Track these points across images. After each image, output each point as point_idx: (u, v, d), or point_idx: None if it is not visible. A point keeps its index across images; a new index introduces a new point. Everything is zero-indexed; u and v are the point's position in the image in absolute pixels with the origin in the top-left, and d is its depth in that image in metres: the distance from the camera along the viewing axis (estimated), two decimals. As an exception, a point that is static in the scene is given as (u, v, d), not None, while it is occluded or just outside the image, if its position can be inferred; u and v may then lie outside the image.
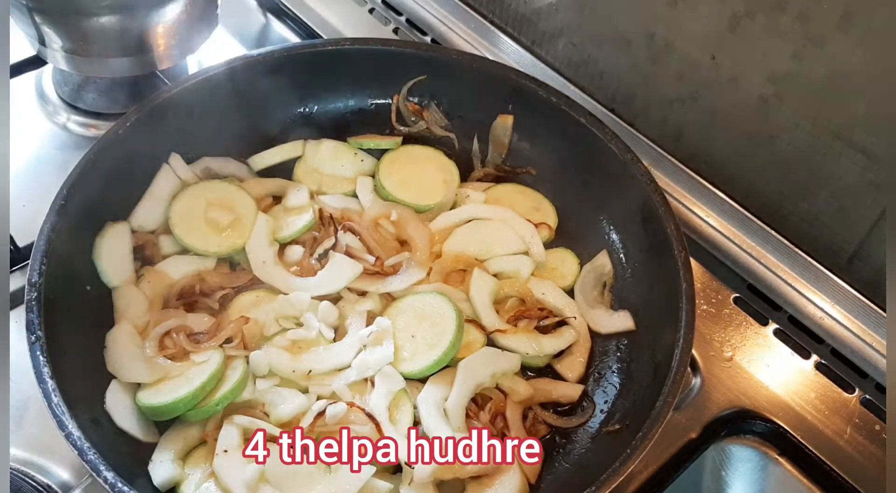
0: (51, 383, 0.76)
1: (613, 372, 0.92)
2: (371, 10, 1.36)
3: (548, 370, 0.94)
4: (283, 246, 0.99)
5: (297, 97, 1.10)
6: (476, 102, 1.08)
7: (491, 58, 1.25)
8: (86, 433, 0.74)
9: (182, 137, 1.02)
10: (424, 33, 1.32)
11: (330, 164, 1.07)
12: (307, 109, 1.11)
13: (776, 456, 0.92)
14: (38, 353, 0.78)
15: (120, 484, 0.71)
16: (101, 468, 0.72)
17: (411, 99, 1.10)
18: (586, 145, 1.00)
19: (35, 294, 0.81)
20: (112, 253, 0.93)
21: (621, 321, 0.95)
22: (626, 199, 0.96)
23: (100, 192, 0.92)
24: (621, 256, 0.99)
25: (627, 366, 0.92)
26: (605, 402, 0.90)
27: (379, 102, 1.12)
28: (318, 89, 1.10)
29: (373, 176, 1.07)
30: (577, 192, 1.03)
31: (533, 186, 1.07)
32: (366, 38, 1.18)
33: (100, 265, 0.92)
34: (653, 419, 0.77)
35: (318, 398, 0.87)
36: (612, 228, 1.00)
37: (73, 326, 0.85)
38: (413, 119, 1.11)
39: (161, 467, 0.81)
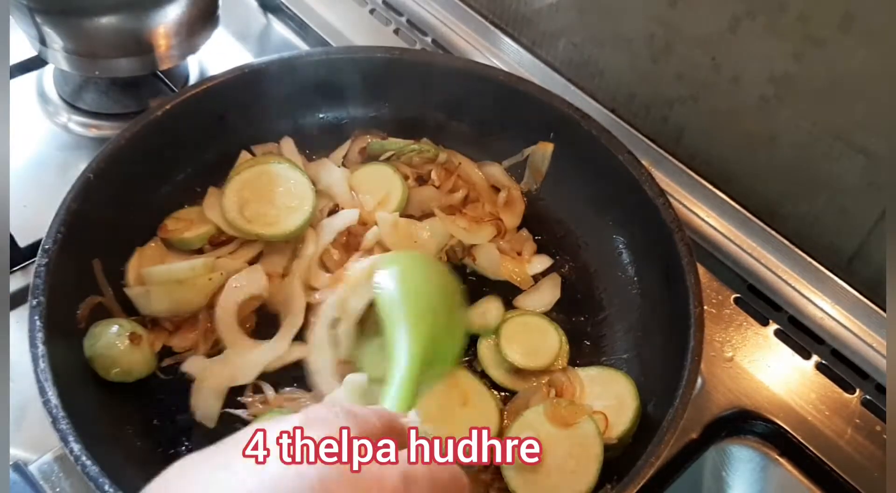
0: (41, 349, 0.76)
1: None
2: (372, 11, 1.36)
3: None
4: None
5: (334, 102, 1.08)
6: (517, 126, 1.05)
7: (491, 58, 1.26)
8: (64, 402, 0.73)
9: (251, 118, 1.04)
10: (425, 34, 1.32)
11: (360, 181, 1.03)
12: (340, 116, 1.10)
13: (777, 457, 0.92)
14: (36, 317, 0.78)
15: (84, 458, 0.70)
16: (70, 438, 0.71)
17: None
18: (620, 183, 0.97)
19: (46, 261, 0.81)
20: None
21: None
22: (651, 243, 0.94)
23: (132, 173, 0.92)
24: (637, 299, 0.96)
25: None
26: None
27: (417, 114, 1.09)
28: (358, 96, 1.08)
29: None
30: (602, 229, 1.01)
31: (558, 219, 1.05)
32: (415, 51, 1.17)
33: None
34: (630, 475, 0.75)
35: None
36: (632, 269, 0.98)
37: (74, 303, 0.85)
38: None
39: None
